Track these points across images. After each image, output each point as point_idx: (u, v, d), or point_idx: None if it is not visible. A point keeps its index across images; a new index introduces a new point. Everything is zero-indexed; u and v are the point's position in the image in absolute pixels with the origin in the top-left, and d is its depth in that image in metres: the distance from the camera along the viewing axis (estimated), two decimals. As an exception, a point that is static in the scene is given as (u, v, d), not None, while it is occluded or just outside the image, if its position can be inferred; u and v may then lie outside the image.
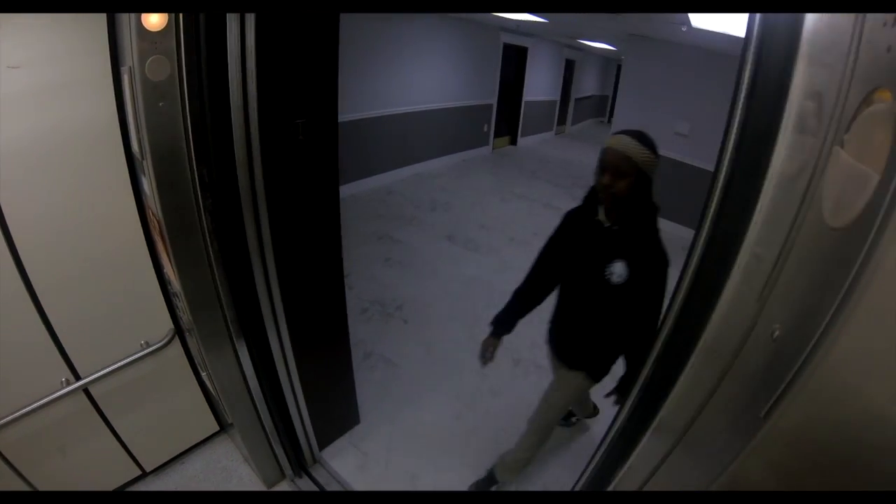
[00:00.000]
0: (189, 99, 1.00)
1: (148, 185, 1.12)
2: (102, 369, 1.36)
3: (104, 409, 1.46)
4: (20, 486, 1.35)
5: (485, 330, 1.56)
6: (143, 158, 1.07)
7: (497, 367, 2.41)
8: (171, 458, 1.79)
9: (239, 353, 1.36)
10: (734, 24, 2.71)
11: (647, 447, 0.83)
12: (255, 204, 1.17)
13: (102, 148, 1.20)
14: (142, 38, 0.92)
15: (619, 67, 9.78)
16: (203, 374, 1.57)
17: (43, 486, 1.40)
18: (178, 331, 1.52)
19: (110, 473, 1.63)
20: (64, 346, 1.30)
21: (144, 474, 1.71)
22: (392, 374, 2.35)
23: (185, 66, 0.97)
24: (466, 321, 2.83)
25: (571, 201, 1.45)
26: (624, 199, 1.19)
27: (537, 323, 1.58)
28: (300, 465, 1.79)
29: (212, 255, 1.18)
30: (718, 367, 0.64)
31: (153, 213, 1.22)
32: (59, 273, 1.24)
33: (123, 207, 1.30)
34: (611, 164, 1.17)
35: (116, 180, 1.26)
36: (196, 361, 1.60)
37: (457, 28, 5.70)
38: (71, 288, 1.27)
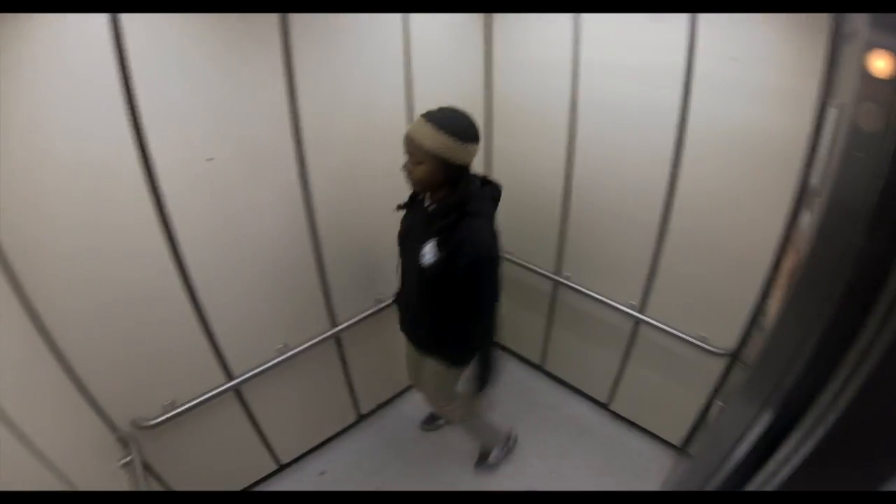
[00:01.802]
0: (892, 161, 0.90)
1: (807, 222, 1.13)
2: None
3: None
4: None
5: None
6: (816, 196, 1.08)
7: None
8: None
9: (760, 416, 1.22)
10: None
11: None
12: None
13: (777, 166, 1.29)
14: (864, 81, 0.85)
15: None
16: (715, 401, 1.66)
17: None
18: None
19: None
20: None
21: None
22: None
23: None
24: None
25: None
26: (425, 184, 1.17)
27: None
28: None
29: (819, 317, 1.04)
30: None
31: (797, 249, 1.23)
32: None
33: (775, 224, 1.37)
34: (407, 151, 1.15)
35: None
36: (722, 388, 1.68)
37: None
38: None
